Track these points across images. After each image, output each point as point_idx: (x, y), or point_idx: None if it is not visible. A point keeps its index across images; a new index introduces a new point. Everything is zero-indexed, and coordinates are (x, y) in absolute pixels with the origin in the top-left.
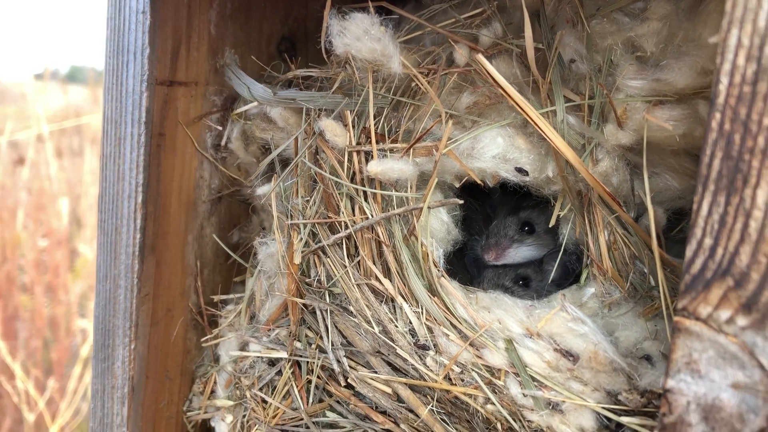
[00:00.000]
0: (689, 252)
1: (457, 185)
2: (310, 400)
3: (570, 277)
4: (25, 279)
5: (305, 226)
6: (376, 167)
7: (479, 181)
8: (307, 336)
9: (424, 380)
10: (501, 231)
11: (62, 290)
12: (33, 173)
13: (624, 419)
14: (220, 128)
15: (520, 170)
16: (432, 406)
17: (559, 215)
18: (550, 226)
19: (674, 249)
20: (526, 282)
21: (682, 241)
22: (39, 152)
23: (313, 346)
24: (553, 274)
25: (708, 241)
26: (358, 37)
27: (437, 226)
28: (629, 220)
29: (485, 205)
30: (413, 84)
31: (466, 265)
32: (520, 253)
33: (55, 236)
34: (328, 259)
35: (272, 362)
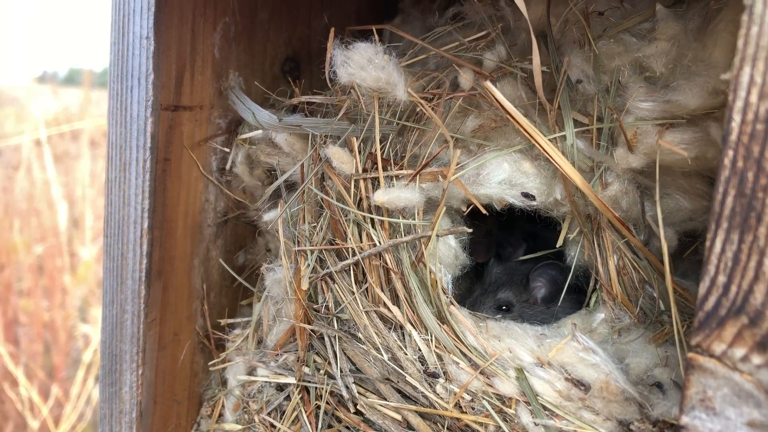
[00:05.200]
0: (702, 289)
1: (464, 209)
2: (319, 426)
3: (560, 293)
4: (24, 284)
5: (312, 252)
6: (382, 197)
7: (484, 211)
8: (315, 361)
9: (434, 408)
10: (480, 309)
11: (61, 294)
12: (30, 177)
13: None
14: (226, 150)
15: (526, 195)
16: None
17: (567, 236)
18: (557, 246)
19: (685, 269)
20: (508, 308)
21: (693, 263)
22: (36, 156)
23: (322, 371)
24: (543, 291)
25: (722, 279)
26: (362, 66)
27: (445, 252)
28: (639, 245)
29: (492, 229)
30: (418, 108)
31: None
32: None
33: (52, 240)
34: (335, 285)
35: (280, 387)
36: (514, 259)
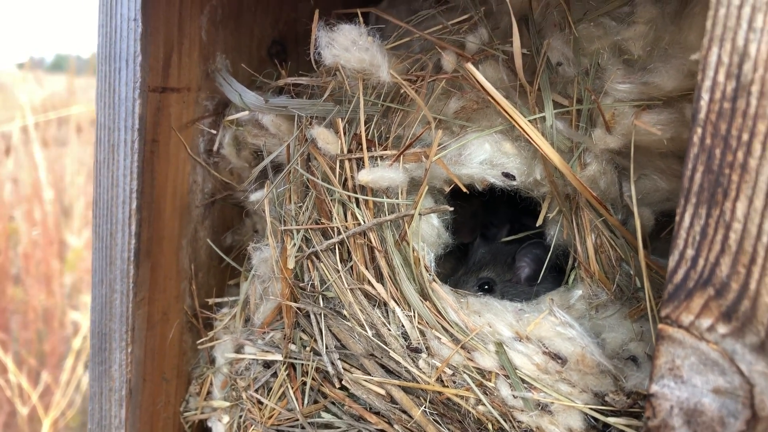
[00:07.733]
0: (672, 262)
1: (447, 189)
2: (306, 402)
3: (541, 270)
4: (16, 271)
5: (298, 231)
6: (366, 176)
7: (465, 190)
8: (301, 339)
9: (417, 382)
10: (462, 288)
11: (54, 281)
12: (19, 164)
13: (611, 419)
14: (213, 132)
15: (507, 175)
16: (425, 408)
17: (547, 216)
18: (537, 225)
19: (663, 249)
20: (490, 286)
21: (671, 243)
22: (24, 143)
23: (308, 348)
24: (527, 271)
25: (690, 252)
26: (346, 48)
27: (428, 231)
28: (616, 223)
29: (477, 210)
30: (403, 90)
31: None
32: None
33: (43, 227)
34: (321, 263)
35: (267, 364)
36: (499, 240)
